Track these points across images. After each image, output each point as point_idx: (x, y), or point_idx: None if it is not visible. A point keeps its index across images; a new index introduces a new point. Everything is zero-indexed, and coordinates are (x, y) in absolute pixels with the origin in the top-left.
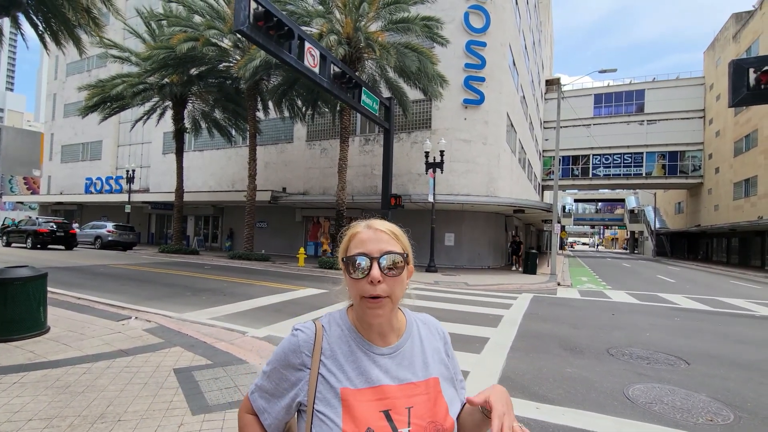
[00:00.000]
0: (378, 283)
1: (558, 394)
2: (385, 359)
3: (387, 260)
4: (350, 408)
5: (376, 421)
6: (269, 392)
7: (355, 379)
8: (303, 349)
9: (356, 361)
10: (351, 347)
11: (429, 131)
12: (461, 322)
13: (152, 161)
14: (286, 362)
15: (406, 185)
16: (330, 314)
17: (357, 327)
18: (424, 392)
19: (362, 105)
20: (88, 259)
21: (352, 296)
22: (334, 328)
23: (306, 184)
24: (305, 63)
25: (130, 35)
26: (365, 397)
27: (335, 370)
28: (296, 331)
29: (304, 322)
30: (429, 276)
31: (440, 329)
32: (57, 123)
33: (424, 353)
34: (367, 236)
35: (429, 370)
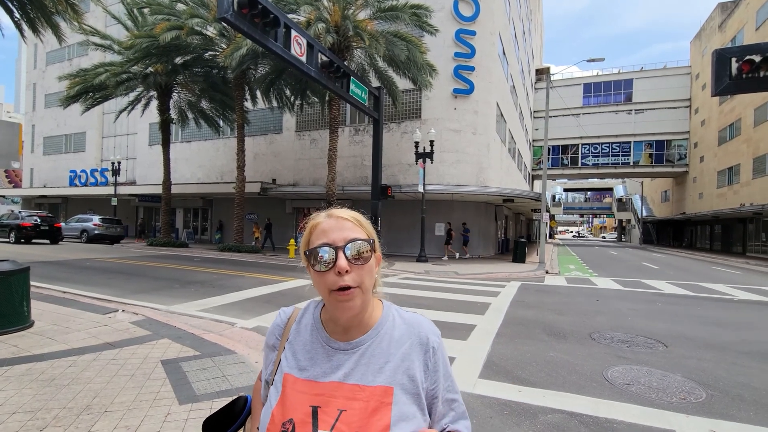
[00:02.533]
0: (346, 273)
1: (540, 377)
2: (340, 355)
3: (352, 248)
4: (285, 394)
5: (301, 414)
6: (264, 365)
7: (306, 369)
8: (275, 331)
9: (311, 351)
10: (312, 337)
11: (419, 121)
12: (450, 310)
13: (138, 153)
14: (267, 341)
15: (396, 176)
16: (311, 302)
17: (323, 319)
18: (366, 399)
19: (351, 95)
20: (74, 253)
21: (320, 292)
22: (307, 317)
23: (296, 175)
24: (292, 52)
25: (112, 23)
26: (303, 389)
27: (290, 356)
28: (278, 314)
29: (288, 307)
30: (419, 266)
31: (424, 336)
32: (38, 114)
33: (387, 356)
34: (329, 225)
35: (383, 377)
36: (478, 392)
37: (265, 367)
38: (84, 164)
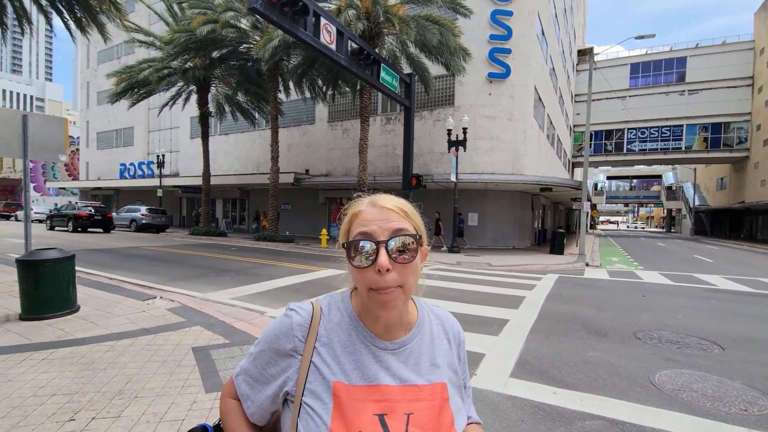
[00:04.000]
0: (387, 272)
1: (578, 378)
2: (388, 355)
3: (396, 243)
4: (342, 405)
5: (368, 424)
6: (254, 377)
7: (352, 373)
8: (296, 332)
9: (355, 353)
10: (351, 337)
11: (452, 108)
12: (481, 303)
13: (181, 146)
14: (276, 346)
15: (428, 165)
16: (331, 296)
17: (360, 315)
18: (429, 398)
19: (381, 82)
20: (123, 242)
21: (358, 286)
22: (335, 313)
23: (328, 165)
24: (322, 40)
25: (155, 20)
26: (360, 396)
27: (330, 361)
28: (290, 312)
29: (301, 302)
30: (451, 256)
31: (456, 328)
32: (92, 111)
33: (434, 353)
34: (372, 215)
35: (437, 374)
36: (510, 392)
37: (271, 378)
38: (132, 157)
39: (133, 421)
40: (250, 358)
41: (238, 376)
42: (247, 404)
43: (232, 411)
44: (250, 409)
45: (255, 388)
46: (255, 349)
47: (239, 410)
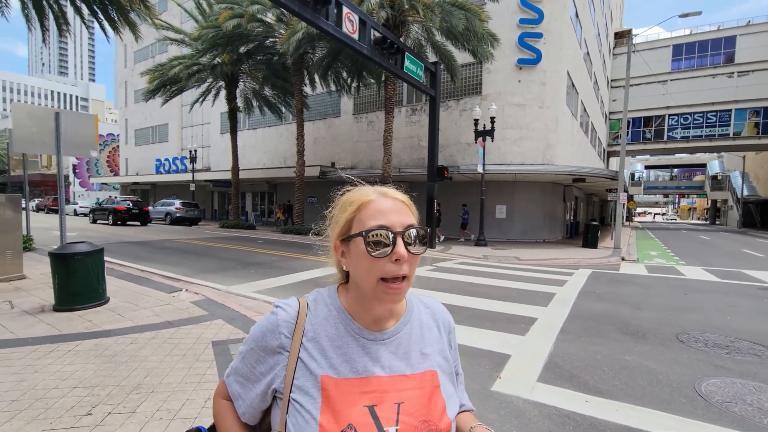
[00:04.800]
0: (404, 262)
1: (613, 385)
2: (378, 346)
3: (412, 236)
4: (330, 399)
5: (359, 416)
6: (244, 376)
7: (340, 366)
8: (282, 329)
9: (343, 346)
10: (338, 330)
11: (479, 97)
12: (507, 299)
13: (212, 141)
14: (264, 343)
15: (454, 156)
16: (317, 291)
17: (347, 308)
18: (419, 386)
19: (405, 72)
20: (157, 234)
21: (365, 277)
22: (321, 308)
23: (354, 158)
24: (344, 29)
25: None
26: (349, 389)
27: (317, 355)
28: (276, 309)
29: (288, 299)
30: (477, 250)
31: (446, 317)
32: (130, 109)
33: (423, 342)
34: (387, 206)
35: (427, 362)
36: (536, 399)
37: (261, 375)
38: (167, 153)
39: (147, 417)
40: (240, 358)
41: (230, 376)
42: (239, 403)
43: (225, 411)
44: (242, 408)
45: (246, 387)
46: (244, 348)
47: (231, 410)
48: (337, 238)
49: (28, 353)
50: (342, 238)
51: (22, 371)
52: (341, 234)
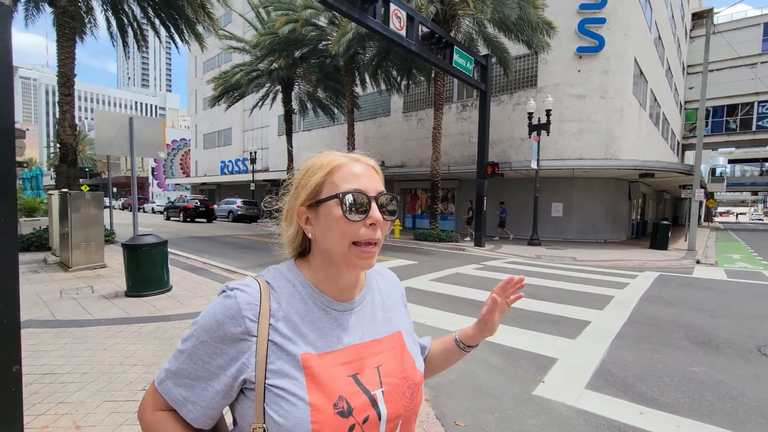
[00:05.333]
0: (377, 227)
1: (674, 398)
2: (348, 315)
3: (384, 200)
4: (315, 377)
5: (346, 387)
6: (193, 376)
7: (317, 342)
8: (246, 312)
9: (315, 321)
10: (308, 305)
11: (534, 89)
12: (558, 301)
13: (270, 143)
14: (221, 333)
15: (507, 152)
16: (274, 268)
17: (312, 281)
18: (390, 348)
19: (454, 66)
20: (220, 231)
21: (336, 242)
22: (284, 284)
23: (403, 156)
24: (391, 27)
25: (249, 28)
26: (330, 362)
27: (291, 334)
28: (232, 292)
29: (242, 279)
30: (530, 249)
31: (396, 280)
32: (199, 115)
33: (385, 307)
34: (360, 170)
35: (392, 324)
36: (583, 406)
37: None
38: (230, 155)
39: None
40: (181, 358)
41: (165, 382)
42: (188, 408)
43: (165, 424)
44: (195, 413)
45: (197, 388)
46: (188, 345)
47: (174, 420)
48: (303, 203)
49: (101, 332)
50: (310, 203)
51: (94, 348)
52: (309, 198)
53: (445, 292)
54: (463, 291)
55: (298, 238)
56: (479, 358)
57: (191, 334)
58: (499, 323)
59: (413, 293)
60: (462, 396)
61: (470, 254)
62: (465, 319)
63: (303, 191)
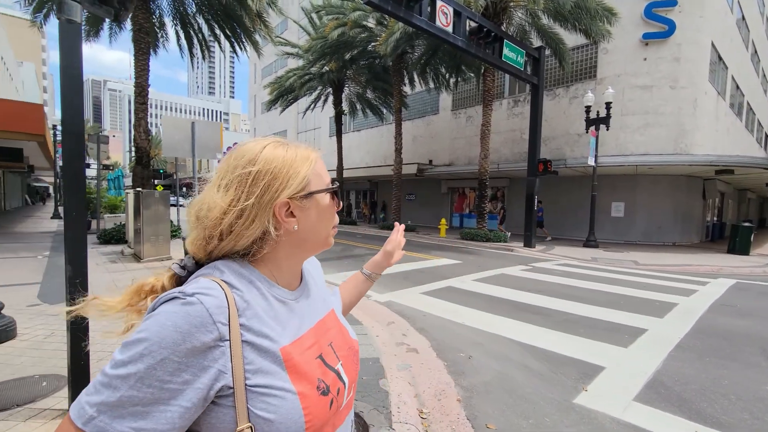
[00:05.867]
0: None
1: (739, 418)
2: (299, 303)
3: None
4: (295, 367)
5: (318, 369)
6: (146, 402)
7: (284, 334)
8: (218, 317)
9: (277, 314)
10: (268, 300)
11: (593, 81)
12: (612, 306)
13: (322, 144)
14: (191, 346)
15: (562, 148)
16: (221, 263)
17: (268, 275)
18: (333, 324)
19: (504, 60)
20: None
21: (323, 229)
22: (242, 282)
23: (451, 155)
24: (437, 23)
25: (304, 34)
26: (300, 350)
27: (263, 331)
28: (193, 297)
29: (197, 283)
30: (585, 251)
31: (316, 261)
32: (257, 119)
33: (317, 286)
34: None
35: (327, 303)
36: (629, 419)
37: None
38: None
39: None
40: (126, 384)
41: (97, 420)
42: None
43: None
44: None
45: (153, 413)
46: (135, 368)
47: None
48: (290, 195)
49: None
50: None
51: None
52: (299, 190)
53: (488, 293)
54: (506, 292)
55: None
56: (517, 360)
57: (139, 354)
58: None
59: (453, 292)
60: (496, 399)
61: (518, 255)
62: (507, 322)
63: (289, 183)
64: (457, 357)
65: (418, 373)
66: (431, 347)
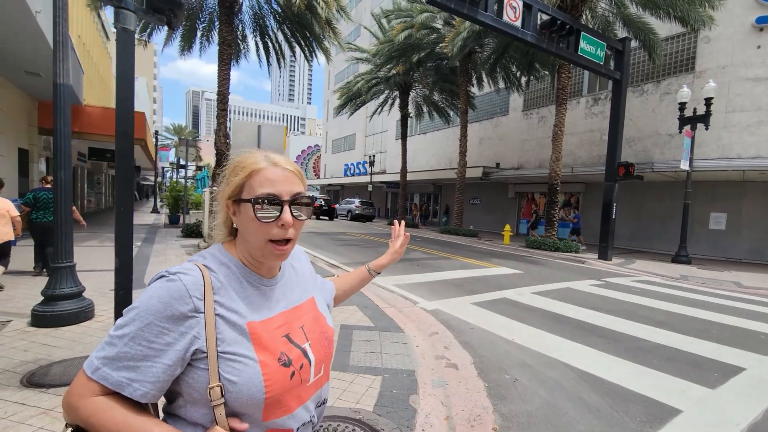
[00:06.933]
0: (289, 227)
1: None
2: (275, 289)
3: (298, 204)
4: (259, 339)
5: (283, 345)
6: (137, 358)
7: (254, 313)
8: (193, 292)
9: (250, 296)
10: (242, 283)
11: (691, 75)
12: (699, 336)
13: (388, 147)
14: (169, 313)
15: (650, 150)
16: (207, 252)
17: (245, 263)
18: (309, 311)
19: (581, 54)
20: (337, 228)
21: (252, 238)
22: (219, 266)
23: (521, 157)
24: (504, 18)
25: (374, 40)
26: (268, 327)
27: (234, 307)
28: (175, 276)
29: (179, 265)
30: (673, 268)
31: (303, 254)
32: (329, 123)
33: (299, 278)
34: (275, 175)
35: (306, 292)
36: None
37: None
38: (353, 158)
39: None
40: (122, 342)
41: (101, 370)
42: (135, 386)
43: (106, 406)
44: (143, 389)
45: (142, 367)
46: (128, 329)
47: (113, 401)
48: (228, 198)
49: None
50: (234, 199)
51: None
52: (233, 195)
53: (547, 308)
54: (569, 309)
55: (228, 222)
56: (571, 390)
57: (131, 319)
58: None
59: (507, 305)
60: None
61: (590, 267)
62: (564, 343)
63: (228, 187)
64: (501, 378)
65: (454, 393)
66: (473, 364)
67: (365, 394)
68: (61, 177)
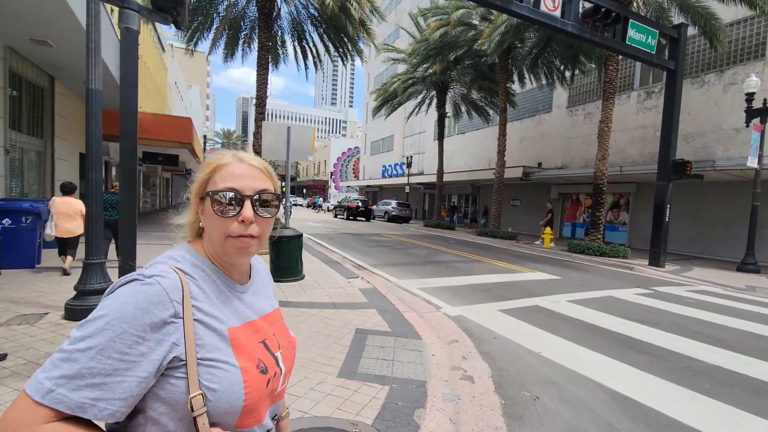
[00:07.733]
0: (250, 223)
1: None
2: (247, 296)
3: (261, 200)
4: (239, 345)
5: (260, 351)
6: (105, 373)
7: (232, 318)
8: (173, 296)
9: (227, 300)
10: (219, 287)
11: (761, 62)
12: (763, 357)
13: (426, 147)
14: (146, 321)
15: (711, 147)
16: (177, 254)
17: (217, 265)
18: (277, 319)
19: (629, 44)
20: (372, 229)
21: (214, 234)
22: (194, 269)
23: (565, 156)
24: (542, 9)
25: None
26: (246, 333)
27: (213, 313)
28: (153, 278)
29: (153, 269)
30: (738, 277)
31: (262, 262)
32: (368, 125)
33: (265, 287)
34: (240, 171)
35: (272, 301)
36: None
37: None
38: (391, 160)
39: None
40: (86, 356)
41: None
42: (101, 406)
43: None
44: (110, 409)
45: (109, 384)
46: (96, 341)
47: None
48: (196, 195)
49: None
50: (200, 197)
51: None
52: (199, 192)
53: (583, 319)
54: (609, 321)
55: (195, 222)
56: (600, 414)
57: (99, 329)
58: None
59: (538, 314)
60: None
61: (638, 275)
62: (598, 359)
63: (194, 185)
64: (520, 395)
65: (465, 409)
66: (491, 378)
67: (367, 405)
68: (92, 177)
